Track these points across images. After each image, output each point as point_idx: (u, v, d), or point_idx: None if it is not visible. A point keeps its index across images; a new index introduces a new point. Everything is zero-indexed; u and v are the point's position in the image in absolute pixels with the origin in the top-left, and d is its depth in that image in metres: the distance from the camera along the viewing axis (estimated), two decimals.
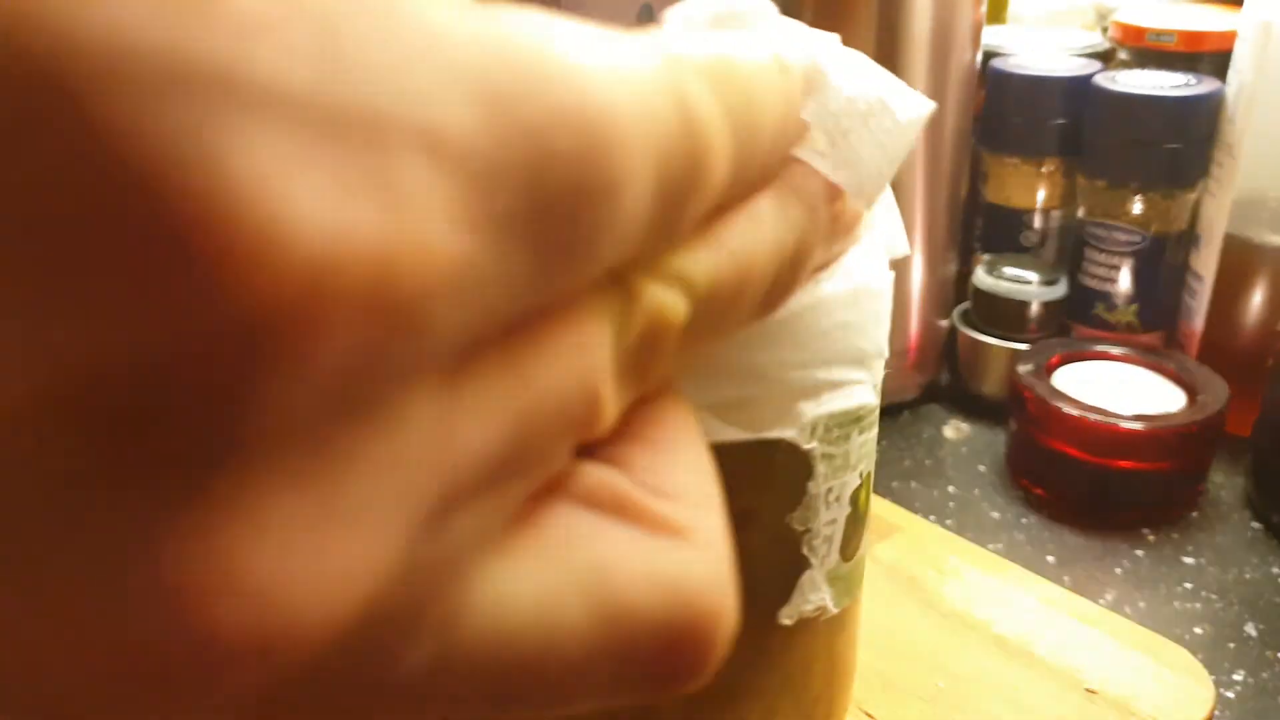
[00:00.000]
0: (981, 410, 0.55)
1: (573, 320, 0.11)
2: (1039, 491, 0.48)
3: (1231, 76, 0.50)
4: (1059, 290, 0.54)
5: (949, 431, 0.54)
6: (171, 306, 0.08)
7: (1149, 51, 0.54)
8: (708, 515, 0.14)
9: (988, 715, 0.34)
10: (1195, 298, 0.53)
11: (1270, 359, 0.47)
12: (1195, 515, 0.47)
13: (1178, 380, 0.48)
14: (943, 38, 0.48)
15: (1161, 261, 0.53)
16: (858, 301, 0.21)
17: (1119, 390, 0.48)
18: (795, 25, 0.18)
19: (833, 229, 0.17)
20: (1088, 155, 0.54)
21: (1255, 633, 0.40)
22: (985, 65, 0.55)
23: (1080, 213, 0.55)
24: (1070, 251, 0.56)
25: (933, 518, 0.46)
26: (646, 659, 0.12)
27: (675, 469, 0.14)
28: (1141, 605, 0.41)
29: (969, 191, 0.56)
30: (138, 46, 0.07)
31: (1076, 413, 0.45)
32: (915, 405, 0.56)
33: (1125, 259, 0.53)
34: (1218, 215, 0.51)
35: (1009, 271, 0.55)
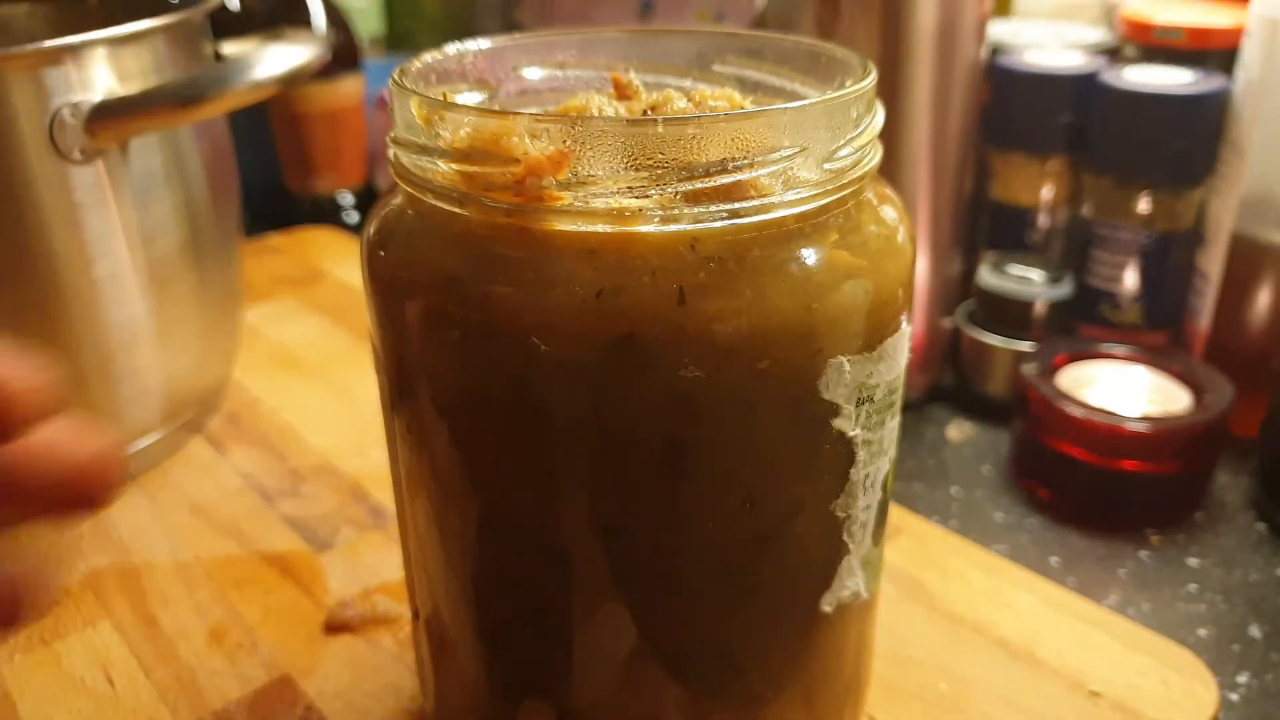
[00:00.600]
0: (985, 411, 0.55)
1: None
2: (1043, 493, 0.47)
3: (1239, 73, 0.49)
4: (1064, 289, 0.53)
5: (952, 432, 0.54)
6: None
7: (1156, 48, 0.54)
8: None
9: (990, 717, 0.34)
10: (1201, 297, 0.52)
11: (1277, 359, 0.47)
12: (1200, 517, 0.46)
13: (1183, 380, 0.48)
14: (948, 33, 0.48)
15: (1167, 260, 0.53)
16: None
17: (1124, 391, 0.48)
18: None
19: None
20: (1094, 153, 0.53)
21: (1260, 635, 0.39)
22: (991, 61, 0.55)
23: (1086, 211, 0.54)
24: (1076, 250, 0.56)
25: (936, 519, 0.46)
26: None
27: None
28: (1146, 607, 0.41)
29: (974, 189, 0.55)
30: None
31: (1081, 413, 0.45)
32: (919, 406, 0.56)
33: (1131, 258, 0.53)
34: (1224, 214, 0.50)
35: (1014, 270, 0.55)
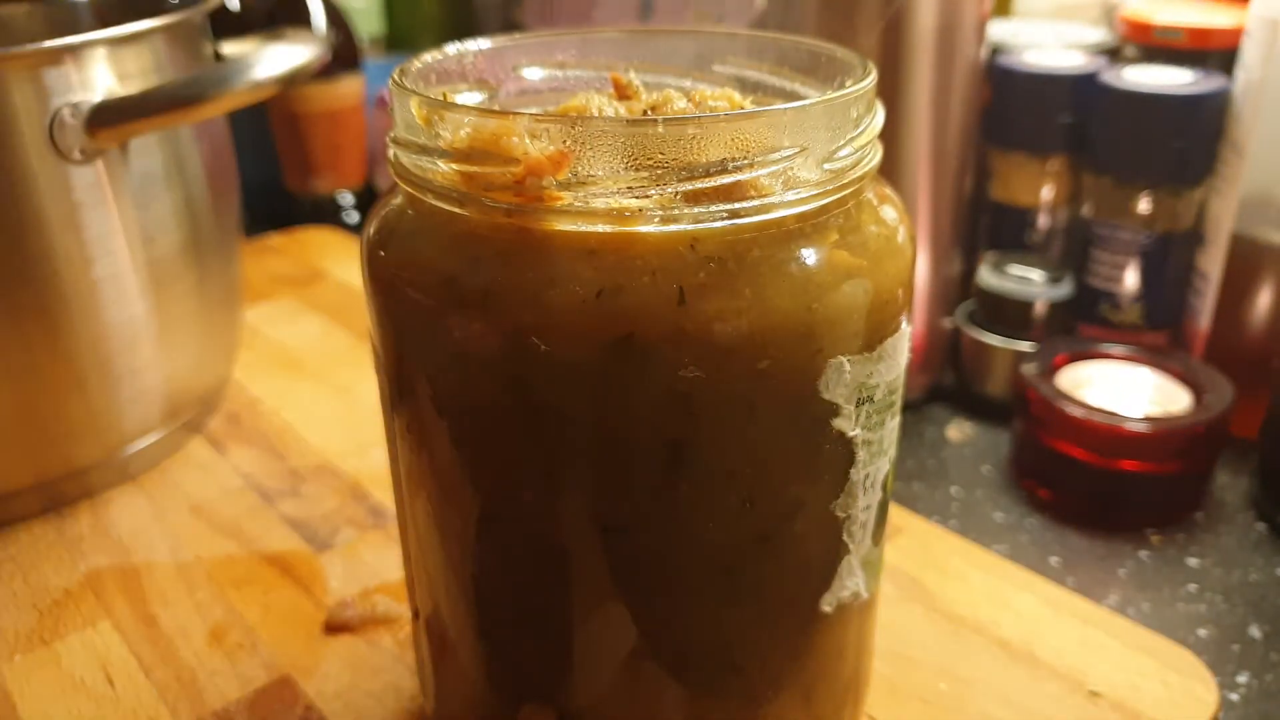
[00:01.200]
0: (985, 411, 0.55)
1: None
2: (1043, 493, 0.47)
3: (1239, 74, 0.49)
4: (1064, 289, 0.53)
5: (952, 432, 0.54)
6: None
7: (1156, 48, 0.54)
8: None
9: (990, 717, 0.34)
10: (1201, 297, 0.52)
11: (1277, 359, 0.47)
12: (1200, 517, 0.46)
13: (1183, 381, 0.48)
14: (948, 33, 0.48)
15: (1167, 260, 0.53)
16: None
17: (1124, 391, 0.48)
18: None
19: None
20: (1094, 153, 0.53)
21: (1260, 635, 0.39)
22: (991, 61, 0.55)
23: (1086, 211, 0.54)
24: (1076, 250, 0.56)
25: (936, 519, 0.46)
26: None
27: None
28: (1146, 607, 0.41)
29: (974, 189, 0.55)
30: None
31: (1081, 413, 0.45)
32: (919, 406, 0.56)
33: (1131, 258, 0.53)
34: (1224, 214, 0.50)
35: (1014, 270, 0.55)
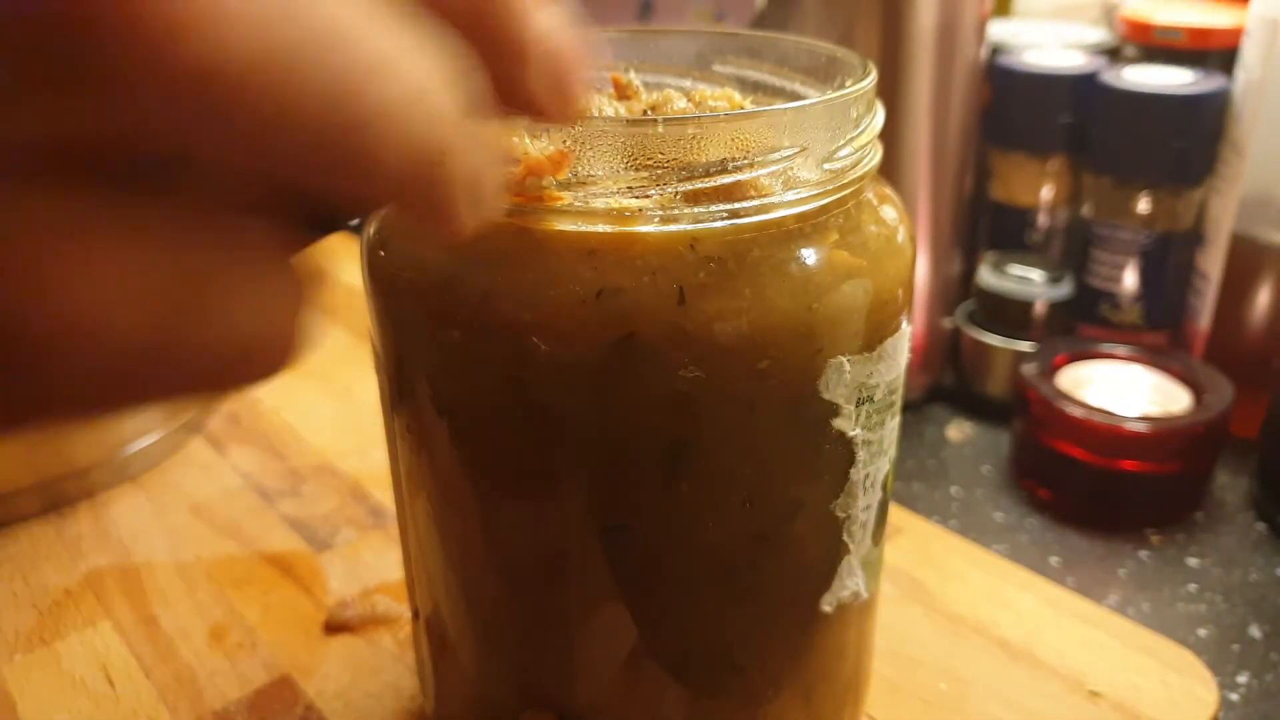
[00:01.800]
0: (985, 411, 0.55)
1: None
2: (1043, 493, 0.47)
3: (1239, 74, 0.49)
4: (1064, 289, 0.53)
5: (952, 432, 0.54)
6: None
7: (1156, 48, 0.54)
8: None
9: (990, 717, 0.34)
10: (1201, 297, 0.52)
11: (1277, 359, 0.47)
12: (1200, 517, 0.46)
13: (1183, 380, 0.48)
14: (948, 33, 0.48)
15: (1167, 260, 0.53)
16: None
17: (1124, 391, 0.48)
18: None
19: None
20: (1094, 153, 0.53)
21: (1260, 635, 0.39)
22: (991, 61, 0.55)
23: (1086, 211, 0.54)
24: (1075, 250, 0.56)
25: (936, 519, 0.46)
26: None
27: None
28: (1145, 607, 0.41)
29: (974, 189, 0.55)
30: None
31: (1081, 413, 0.45)
32: (919, 406, 0.56)
33: (1131, 258, 0.53)
34: (1224, 214, 0.50)
35: (1014, 270, 0.55)
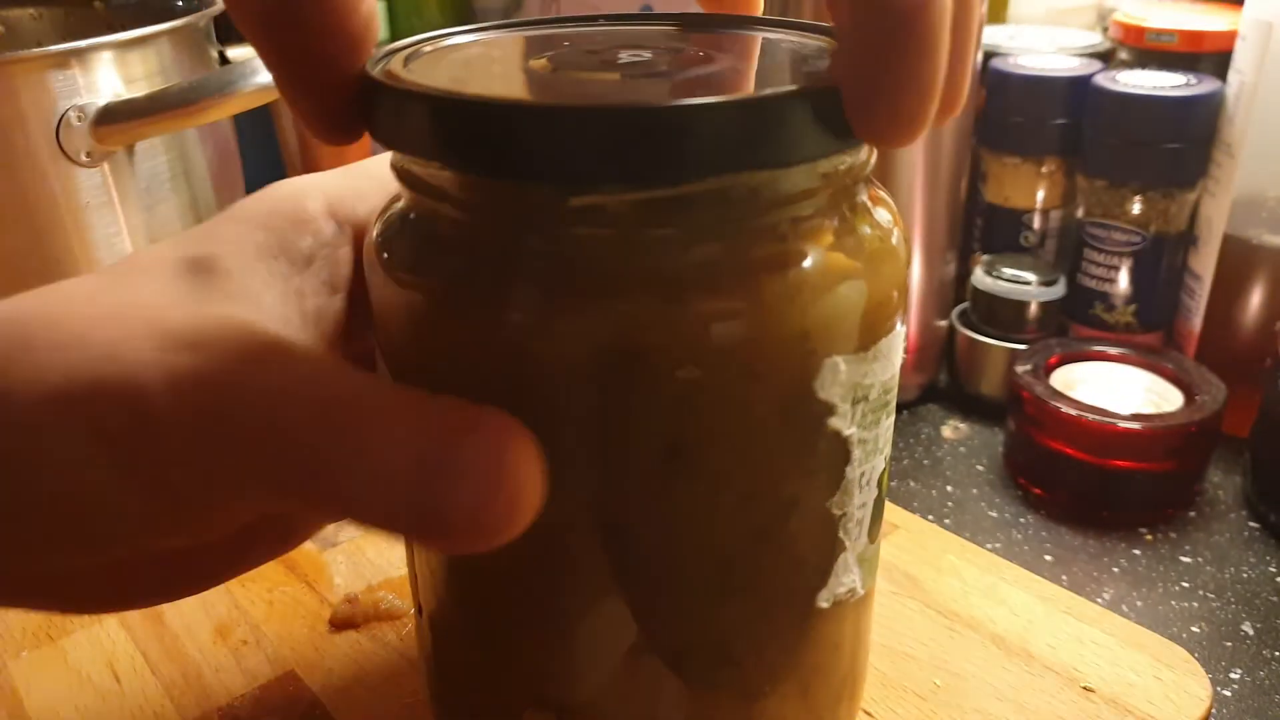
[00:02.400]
0: (980, 410, 0.55)
1: None
2: (1037, 491, 0.48)
3: (1231, 76, 0.50)
4: (1058, 290, 0.54)
5: (947, 431, 0.54)
6: None
7: (1149, 51, 0.54)
8: None
9: (985, 713, 0.34)
10: (1194, 298, 0.53)
11: (1268, 359, 0.47)
12: (1193, 515, 0.47)
13: (1176, 380, 0.48)
14: None
15: (1160, 261, 0.53)
16: None
17: (1117, 390, 0.48)
18: None
19: None
20: (1087, 155, 0.54)
21: (1252, 631, 0.40)
22: (985, 64, 0.55)
23: (1079, 213, 0.55)
24: (1069, 252, 0.56)
25: (931, 517, 0.46)
26: None
27: None
28: (1139, 604, 0.41)
29: (968, 191, 0.56)
30: None
31: (1074, 412, 0.45)
32: (914, 405, 0.56)
33: (1124, 259, 0.53)
34: (1216, 215, 0.51)
35: (1008, 272, 0.55)
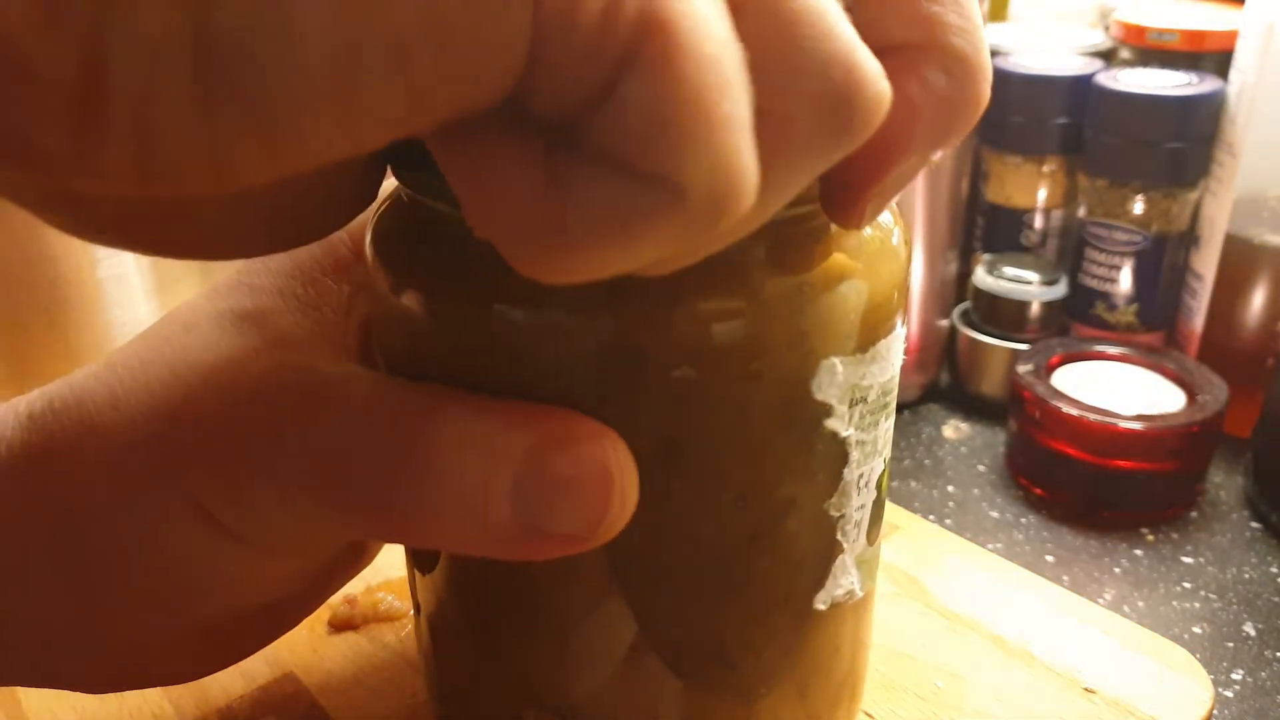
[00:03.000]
0: (981, 410, 0.55)
1: None
2: (1038, 491, 0.48)
3: (1233, 76, 0.50)
4: (1059, 290, 0.54)
5: (948, 431, 0.54)
6: None
7: (1151, 50, 0.54)
8: None
9: (986, 715, 0.34)
10: (1195, 298, 0.53)
11: (1270, 359, 0.47)
12: (1194, 515, 0.47)
13: (1177, 380, 0.48)
14: None
15: (1162, 261, 0.53)
16: None
17: (1119, 390, 0.48)
18: None
19: None
20: (1089, 154, 0.54)
21: (1254, 632, 0.40)
22: None
23: (1081, 212, 0.55)
24: (1071, 251, 0.56)
25: (932, 517, 0.46)
26: None
27: None
28: (1140, 605, 0.41)
29: (969, 191, 0.56)
30: None
31: (1076, 413, 0.45)
32: (915, 405, 0.56)
33: (1126, 259, 0.53)
34: (1218, 215, 0.51)
35: (1009, 271, 0.55)
